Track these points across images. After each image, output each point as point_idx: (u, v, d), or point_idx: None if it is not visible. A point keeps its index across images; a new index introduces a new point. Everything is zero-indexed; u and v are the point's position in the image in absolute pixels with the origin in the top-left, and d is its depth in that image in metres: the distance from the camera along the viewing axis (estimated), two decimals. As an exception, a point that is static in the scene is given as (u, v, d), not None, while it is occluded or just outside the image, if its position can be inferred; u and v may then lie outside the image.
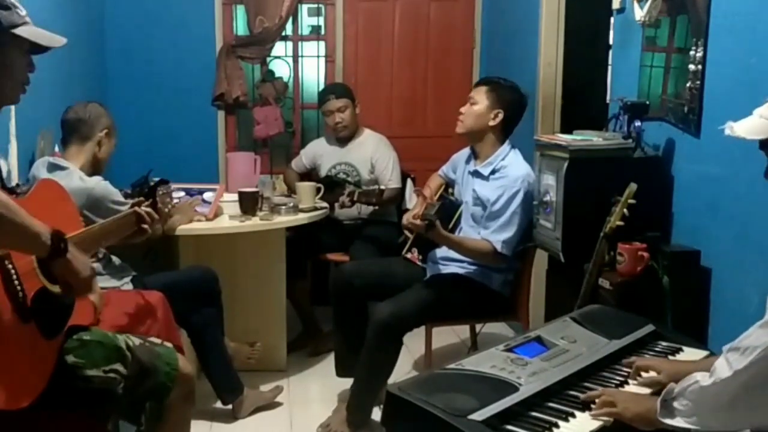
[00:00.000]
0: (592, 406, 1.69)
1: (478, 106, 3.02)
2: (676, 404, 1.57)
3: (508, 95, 3.03)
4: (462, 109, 3.06)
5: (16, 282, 1.70)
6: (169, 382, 2.02)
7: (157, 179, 2.44)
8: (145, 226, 2.32)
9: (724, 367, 1.47)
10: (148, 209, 2.31)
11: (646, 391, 1.80)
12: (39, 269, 1.77)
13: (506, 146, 3.05)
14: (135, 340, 2.06)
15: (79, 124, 2.84)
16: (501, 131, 3.03)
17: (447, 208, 3.10)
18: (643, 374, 1.86)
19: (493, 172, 3.01)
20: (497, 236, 2.91)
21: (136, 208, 2.26)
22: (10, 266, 1.69)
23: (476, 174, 3.06)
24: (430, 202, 2.89)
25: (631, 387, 1.84)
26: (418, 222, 2.78)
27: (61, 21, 3.65)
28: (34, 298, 1.74)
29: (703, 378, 1.53)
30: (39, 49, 1.92)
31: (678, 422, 1.55)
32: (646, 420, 1.61)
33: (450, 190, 3.31)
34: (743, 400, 1.46)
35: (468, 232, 3.06)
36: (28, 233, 1.59)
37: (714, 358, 1.73)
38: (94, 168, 2.88)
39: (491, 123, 3.00)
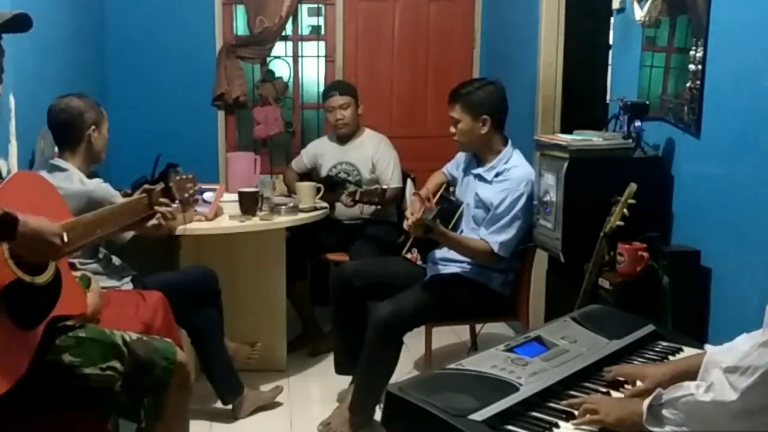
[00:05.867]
0: (576, 413, 1.66)
1: (462, 123, 2.99)
2: (665, 412, 1.54)
3: (483, 96, 2.99)
4: (452, 130, 3.05)
5: None
6: (166, 377, 2.02)
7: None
8: (159, 216, 2.29)
9: (726, 387, 1.45)
10: (162, 198, 2.29)
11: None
12: (11, 259, 1.74)
13: (509, 148, 3.04)
14: (132, 336, 2.05)
15: (64, 130, 2.79)
16: (496, 131, 3.03)
17: (447, 209, 3.11)
18: (627, 386, 1.81)
19: (496, 175, 3.00)
20: (495, 237, 2.91)
21: (146, 193, 2.24)
22: None
23: (479, 177, 3.06)
24: (429, 206, 2.87)
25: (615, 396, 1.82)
26: (416, 225, 2.78)
27: (61, 21, 3.66)
28: (5, 289, 1.71)
29: (697, 390, 1.51)
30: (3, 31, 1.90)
31: (666, 431, 1.53)
32: (630, 423, 1.59)
33: (451, 189, 3.31)
34: (742, 421, 1.44)
35: (469, 234, 3.05)
36: None
37: (699, 357, 1.73)
38: (93, 160, 2.85)
39: (483, 131, 2.99)
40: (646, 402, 1.57)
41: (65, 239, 1.78)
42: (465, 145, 3.09)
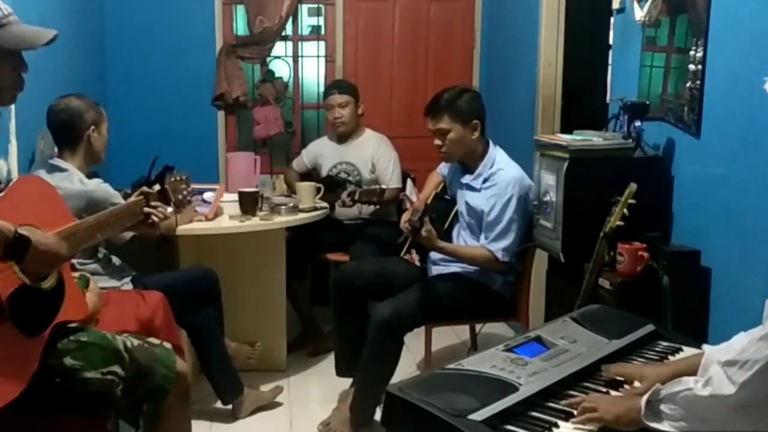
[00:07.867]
0: (574, 413, 1.66)
1: (454, 132, 2.96)
2: (663, 407, 1.54)
3: (468, 101, 2.99)
4: (437, 143, 3.01)
5: None
6: (166, 385, 2.01)
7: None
8: (155, 217, 2.31)
9: (724, 381, 1.45)
10: (157, 201, 2.30)
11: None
12: (17, 266, 1.73)
13: (491, 151, 3.04)
14: (134, 341, 2.05)
15: (64, 130, 2.78)
16: (482, 135, 3.03)
17: (441, 208, 3.11)
18: (626, 386, 1.82)
19: (484, 181, 3.00)
20: (496, 245, 2.91)
21: (143, 195, 2.25)
22: None
23: (467, 187, 3.06)
24: (416, 207, 2.86)
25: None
26: (407, 228, 2.79)
27: (61, 21, 3.65)
28: (11, 295, 1.70)
29: (696, 385, 1.50)
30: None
31: (665, 426, 1.53)
32: (628, 420, 1.59)
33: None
34: (740, 415, 1.44)
35: (468, 239, 3.06)
36: None
37: (698, 357, 1.73)
38: (92, 161, 2.85)
39: (474, 137, 2.98)
40: (645, 397, 1.57)
41: (70, 252, 1.82)
42: (454, 156, 3.05)
